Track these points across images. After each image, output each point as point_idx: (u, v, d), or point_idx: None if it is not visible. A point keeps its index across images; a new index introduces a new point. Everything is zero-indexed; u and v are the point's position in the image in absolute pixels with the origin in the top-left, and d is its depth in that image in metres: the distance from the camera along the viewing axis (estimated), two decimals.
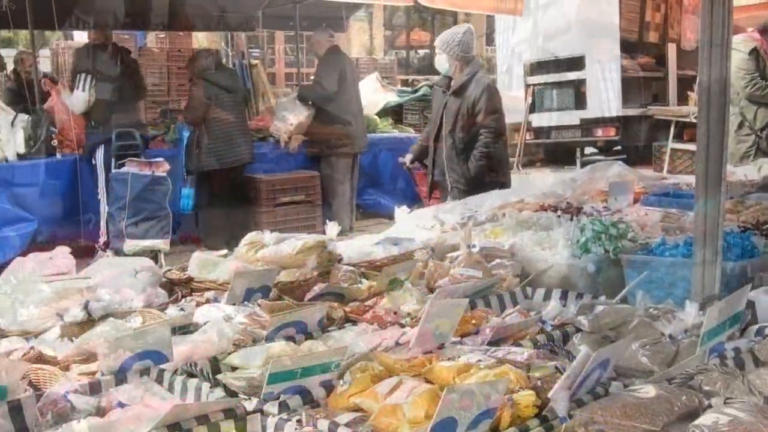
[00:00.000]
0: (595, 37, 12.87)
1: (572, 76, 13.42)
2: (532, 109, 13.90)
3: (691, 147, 11.70)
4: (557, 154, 14.57)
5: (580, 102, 13.40)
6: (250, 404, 2.00)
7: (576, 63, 13.29)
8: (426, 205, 5.57)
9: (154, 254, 6.49)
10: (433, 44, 26.19)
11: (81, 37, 12.23)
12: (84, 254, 5.71)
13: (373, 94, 10.38)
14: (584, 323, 2.49)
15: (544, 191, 4.71)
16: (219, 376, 2.15)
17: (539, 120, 13.93)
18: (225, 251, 3.69)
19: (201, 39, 16.83)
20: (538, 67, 13.87)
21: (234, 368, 2.25)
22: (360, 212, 9.19)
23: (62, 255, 3.14)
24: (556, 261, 3.22)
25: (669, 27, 14.18)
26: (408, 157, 6.13)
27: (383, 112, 10.31)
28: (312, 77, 9.32)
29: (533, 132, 14.09)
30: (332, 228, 3.65)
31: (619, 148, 14.02)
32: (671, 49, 13.89)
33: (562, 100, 13.69)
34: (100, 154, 7.20)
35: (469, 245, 3.28)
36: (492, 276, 3.10)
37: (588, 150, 14.47)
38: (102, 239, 6.99)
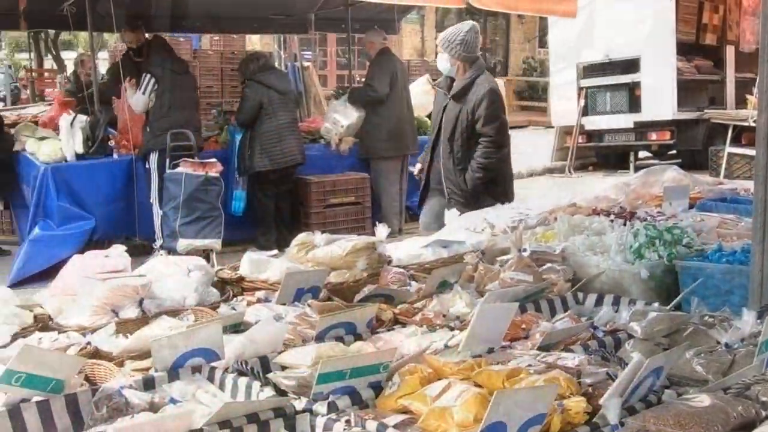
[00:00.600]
0: (650, 39, 12.64)
1: (627, 78, 13.19)
2: (585, 112, 13.71)
3: (750, 151, 11.42)
4: (610, 157, 14.35)
5: (634, 105, 13.17)
6: (300, 404, 2.02)
7: (631, 65, 13.06)
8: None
9: (206, 254, 6.59)
10: (485, 46, 26.00)
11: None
12: (139, 253, 5.82)
13: (424, 96, 10.35)
14: (637, 330, 2.45)
15: (597, 195, 4.64)
16: (269, 375, 2.17)
17: (592, 123, 13.74)
18: (276, 251, 3.73)
19: (254, 41, 17.06)
20: (592, 70, 13.68)
21: (284, 367, 2.27)
22: (409, 214, 9.18)
23: (118, 253, 3.20)
24: (608, 266, 3.17)
25: (727, 28, 13.86)
26: (418, 167, 5.67)
27: None
28: (363, 79, 9.36)
29: (586, 135, 13.90)
30: (382, 230, 3.65)
31: (674, 152, 13.75)
32: (729, 51, 13.58)
33: (616, 103, 13.47)
34: (154, 158, 7.32)
35: (520, 249, 3.26)
36: (543, 280, 3.07)
37: (642, 154, 14.22)
38: (158, 242, 7.12)
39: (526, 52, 25.42)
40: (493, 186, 5.15)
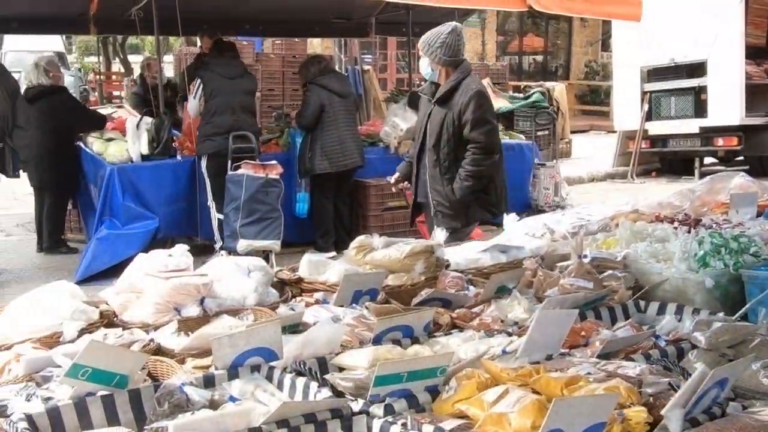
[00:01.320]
0: (717, 42, 12.34)
1: (692, 82, 12.89)
2: (649, 116, 13.44)
3: None
4: (674, 163, 14.04)
5: (700, 110, 12.86)
6: (357, 405, 2.03)
7: (697, 69, 12.76)
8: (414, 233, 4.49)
9: (265, 254, 6.67)
10: (546, 50, 25.67)
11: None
12: (200, 252, 5.92)
13: None
14: (701, 340, 2.39)
15: (660, 201, 4.55)
16: (327, 376, 2.18)
17: (656, 128, 13.46)
18: (334, 253, 3.76)
19: (315, 45, 17.22)
20: (656, 73, 13.41)
21: (341, 369, 2.28)
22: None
23: (181, 253, 3.26)
24: (671, 274, 3.10)
25: None
26: (395, 177, 5.34)
27: None
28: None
29: (649, 140, 13.63)
30: (440, 233, 3.65)
31: (741, 158, 13.38)
32: None
33: (681, 108, 13.17)
34: (204, 162, 7.44)
35: (580, 255, 3.21)
36: (603, 287, 3.02)
37: (708, 160, 13.87)
38: (218, 243, 7.25)
39: (589, 56, 25.08)
40: (484, 196, 4.89)
